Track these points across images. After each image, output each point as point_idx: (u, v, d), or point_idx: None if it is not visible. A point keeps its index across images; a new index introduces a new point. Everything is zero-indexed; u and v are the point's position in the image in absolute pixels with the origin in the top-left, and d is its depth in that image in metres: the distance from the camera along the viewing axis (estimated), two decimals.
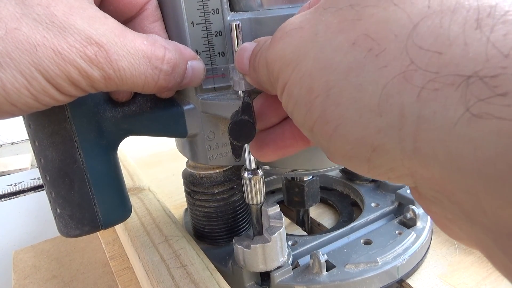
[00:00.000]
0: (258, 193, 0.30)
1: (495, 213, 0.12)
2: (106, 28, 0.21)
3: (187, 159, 0.35)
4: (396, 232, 0.37)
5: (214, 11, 0.26)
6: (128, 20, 0.26)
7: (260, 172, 0.29)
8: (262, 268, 0.31)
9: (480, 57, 0.12)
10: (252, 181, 0.29)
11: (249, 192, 0.30)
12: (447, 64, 0.13)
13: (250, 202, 0.30)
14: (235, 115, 0.25)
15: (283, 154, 0.25)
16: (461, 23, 0.13)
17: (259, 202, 0.30)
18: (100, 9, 0.22)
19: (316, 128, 0.17)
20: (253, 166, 0.29)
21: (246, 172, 0.29)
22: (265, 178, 0.30)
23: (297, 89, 0.18)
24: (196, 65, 0.25)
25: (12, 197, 0.69)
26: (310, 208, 0.43)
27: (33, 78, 0.19)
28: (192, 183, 0.35)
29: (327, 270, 0.32)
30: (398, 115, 0.14)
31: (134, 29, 0.24)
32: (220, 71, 0.27)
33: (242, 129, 0.24)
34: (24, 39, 0.18)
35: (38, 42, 0.19)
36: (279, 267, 0.32)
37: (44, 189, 0.27)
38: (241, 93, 0.27)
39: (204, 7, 0.26)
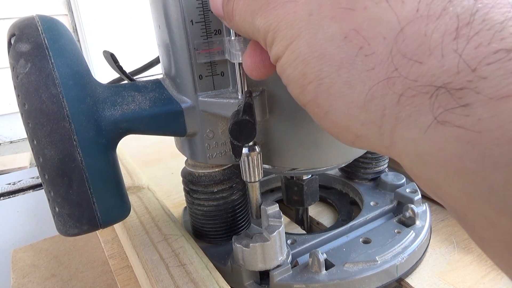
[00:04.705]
0: (256, 170, 0.29)
1: (452, 199, 0.14)
2: None
3: (186, 158, 0.35)
4: (395, 231, 0.37)
5: None
6: None
7: (257, 148, 0.28)
8: (261, 267, 0.31)
9: (452, 70, 0.13)
10: (249, 158, 0.28)
11: (246, 169, 0.29)
12: (425, 74, 0.14)
13: (247, 180, 0.29)
14: (236, 115, 0.24)
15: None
16: (442, 32, 0.14)
17: (256, 179, 0.29)
18: None
19: (308, 107, 0.19)
20: (251, 142, 0.28)
21: (243, 149, 0.28)
22: (264, 177, 0.30)
23: (291, 69, 0.18)
24: None
25: (11, 196, 0.69)
26: (309, 206, 0.43)
27: None
28: (191, 181, 0.35)
29: (326, 269, 0.32)
30: (380, 114, 0.16)
31: None
32: (215, 44, 0.27)
33: (243, 129, 0.24)
34: None
35: None
36: (278, 266, 0.32)
37: (43, 188, 0.26)
38: (240, 94, 0.27)
39: (204, 5, 0.26)
